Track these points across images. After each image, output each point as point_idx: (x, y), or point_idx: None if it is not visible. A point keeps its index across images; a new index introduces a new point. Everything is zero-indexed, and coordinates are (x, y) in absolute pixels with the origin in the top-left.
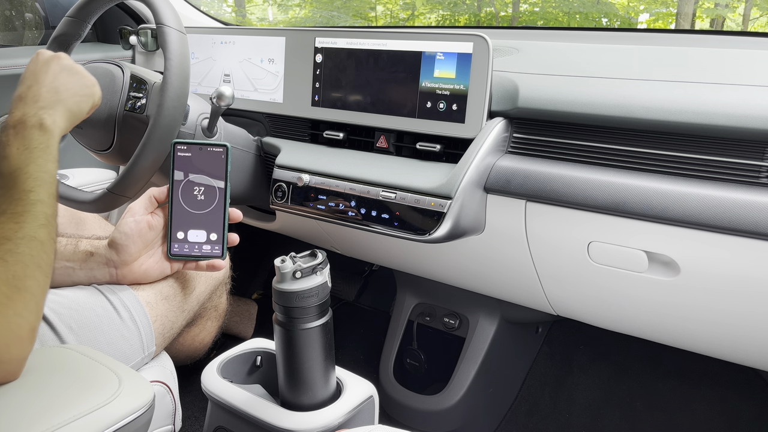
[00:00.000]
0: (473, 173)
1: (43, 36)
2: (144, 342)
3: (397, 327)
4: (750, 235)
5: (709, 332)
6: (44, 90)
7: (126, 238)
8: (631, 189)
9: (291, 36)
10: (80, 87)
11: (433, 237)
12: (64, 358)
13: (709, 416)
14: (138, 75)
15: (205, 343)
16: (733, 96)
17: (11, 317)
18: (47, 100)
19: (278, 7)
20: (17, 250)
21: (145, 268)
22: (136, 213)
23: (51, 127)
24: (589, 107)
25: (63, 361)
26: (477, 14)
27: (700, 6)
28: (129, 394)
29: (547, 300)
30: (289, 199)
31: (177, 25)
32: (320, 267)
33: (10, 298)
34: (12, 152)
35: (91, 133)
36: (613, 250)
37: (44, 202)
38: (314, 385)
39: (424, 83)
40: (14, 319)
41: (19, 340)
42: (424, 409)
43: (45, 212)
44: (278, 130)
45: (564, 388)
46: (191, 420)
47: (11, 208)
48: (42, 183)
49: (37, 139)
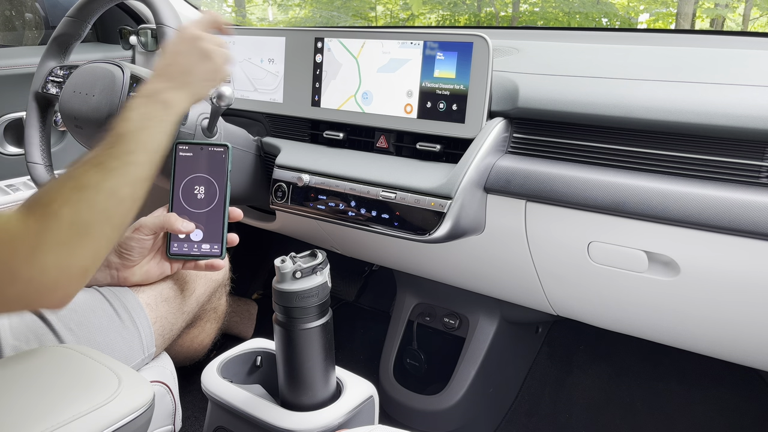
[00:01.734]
0: (473, 173)
1: (43, 36)
2: (144, 343)
3: (397, 327)
4: (750, 235)
5: (709, 332)
6: (177, 71)
7: (129, 251)
8: (631, 189)
9: (291, 36)
10: (209, 72)
11: (433, 237)
12: (64, 358)
13: (709, 416)
14: (138, 75)
15: (204, 345)
16: (733, 96)
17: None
18: (178, 81)
19: (278, 7)
20: (93, 199)
21: (145, 270)
22: (143, 231)
23: (174, 106)
24: (589, 107)
25: (63, 360)
26: (477, 14)
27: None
28: (129, 393)
29: (547, 300)
30: (289, 199)
31: (177, 25)
32: (320, 267)
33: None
34: (133, 116)
35: (92, 133)
36: (613, 250)
37: (139, 165)
38: (314, 385)
39: (424, 83)
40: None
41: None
42: (424, 409)
43: (136, 174)
44: (278, 130)
45: (564, 388)
46: (191, 420)
47: (107, 162)
48: (145, 149)
49: (159, 112)
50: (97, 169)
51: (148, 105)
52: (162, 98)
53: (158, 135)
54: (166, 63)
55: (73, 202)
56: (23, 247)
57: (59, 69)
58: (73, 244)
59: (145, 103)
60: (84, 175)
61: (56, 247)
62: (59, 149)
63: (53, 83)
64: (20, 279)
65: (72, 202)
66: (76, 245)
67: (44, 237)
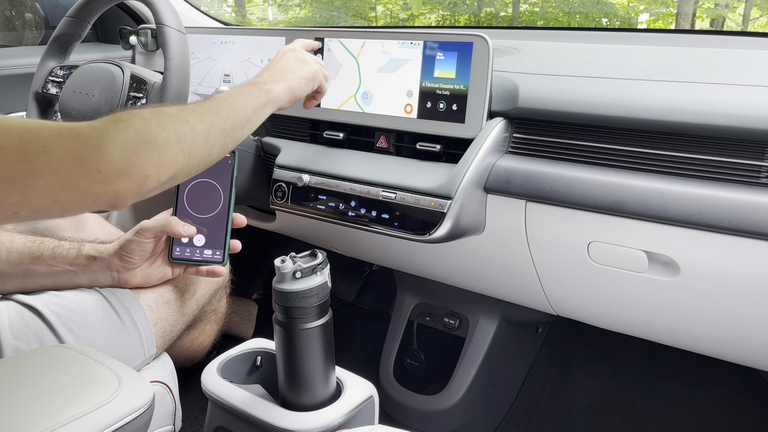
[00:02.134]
0: (473, 173)
1: (43, 36)
2: (144, 345)
3: (397, 327)
4: (750, 235)
5: (709, 332)
6: (277, 71)
7: (130, 254)
8: (631, 189)
9: (291, 36)
10: (303, 72)
11: (433, 237)
12: (64, 358)
13: (709, 416)
14: (138, 75)
15: (204, 346)
16: (733, 96)
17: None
18: (276, 77)
19: (278, 7)
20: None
21: (146, 273)
22: (144, 234)
23: (269, 91)
24: (588, 107)
25: (63, 360)
26: (477, 14)
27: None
28: (129, 393)
29: (547, 300)
30: (289, 199)
31: (177, 25)
32: (320, 267)
33: (135, 143)
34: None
35: None
36: (613, 250)
37: (220, 117)
38: (314, 385)
39: (424, 83)
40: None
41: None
42: (424, 409)
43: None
44: (278, 130)
45: (564, 388)
46: (191, 420)
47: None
48: (229, 108)
49: (253, 91)
50: (179, 107)
51: (247, 86)
52: (260, 83)
53: (245, 104)
54: (271, 65)
55: (144, 117)
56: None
57: (59, 69)
58: (138, 147)
59: (246, 85)
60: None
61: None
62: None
63: (53, 83)
64: (91, 168)
65: (143, 117)
66: (141, 149)
67: (110, 133)
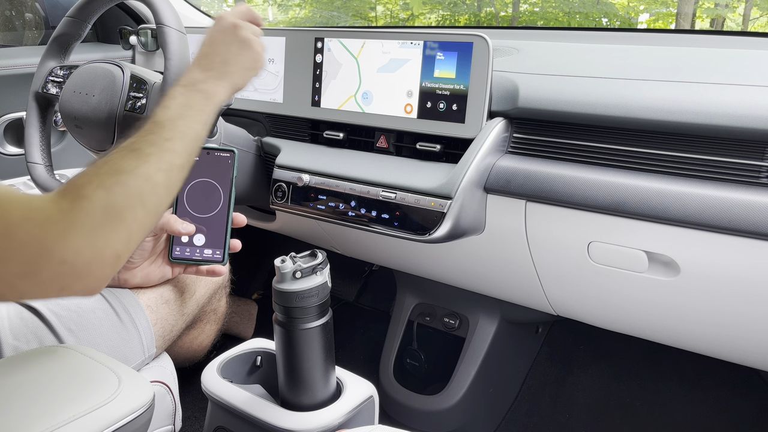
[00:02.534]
0: (473, 173)
1: (43, 36)
2: (144, 345)
3: (397, 327)
4: (750, 235)
5: (709, 332)
6: (217, 61)
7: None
8: (630, 189)
9: (291, 36)
10: (248, 61)
11: (433, 237)
12: (64, 358)
13: (709, 416)
14: (138, 75)
15: (204, 346)
16: (733, 96)
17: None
18: (217, 71)
19: (278, 7)
20: (127, 183)
21: (146, 272)
22: None
23: (214, 96)
24: (589, 107)
25: (63, 360)
26: (477, 14)
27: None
28: (129, 393)
29: (547, 300)
30: (289, 199)
31: (177, 25)
32: (320, 267)
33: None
34: (172, 105)
35: (92, 133)
36: (613, 250)
37: (176, 153)
38: (314, 385)
39: (424, 83)
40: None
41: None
42: (424, 409)
43: (172, 161)
44: (278, 130)
45: (564, 388)
46: (191, 420)
47: (143, 147)
48: (183, 137)
49: (198, 102)
50: (133, 155)
51: (187, 94)
52: (202, 88)
53: (196, 124)
54: (206, 52)
55: (106, 186)
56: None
57: (59, 69)
58: (106, 228)
59: (185, 93)
60: (120, 160)
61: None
62: (59, 149)
63: (53, 83)
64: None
65: (106, 186)
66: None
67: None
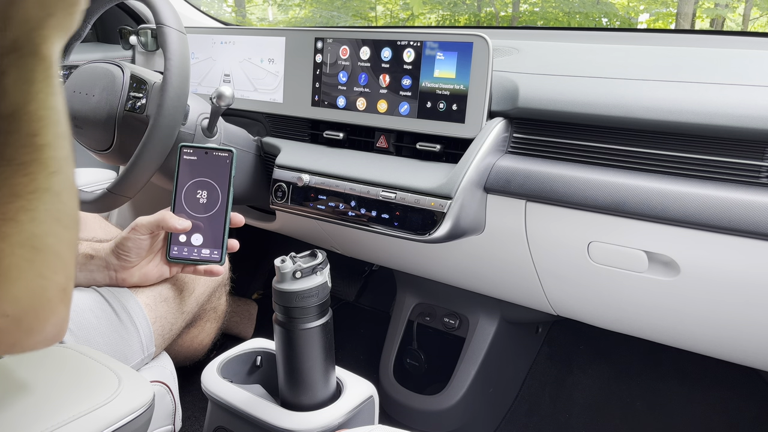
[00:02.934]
0: (473, 173)
1: None
2: (143, 344)
3: (397, 327)
4: (750, 235)
5: (709, 332)
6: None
7: (126, 252)
8: (631, 189)
9: (291, 36)
10: None
11: (433, 237)
12: (64, 358)
13: (709, 416)
14: (138, 75)
15: (204, 345)
16: (734, 96)
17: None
18: (36, 18)
19: (278, 7)
20: (29, 207)
21: (144, 272)
22: (139, 231)
23: (48, 52)
24: (589, 107)
25: (63, 360)
26: (477, 14)
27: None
28: (129, 393)
29: (547, 300)
30: (289, 199)
31: (177, 25)
32: (320, 267)
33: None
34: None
35: (91, 133)
36: (613, 250)
37: (52, 146)
38: (314, 385)
39: (424, 83)
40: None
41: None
42: (424, 409)
43: (54, 157)
44: (278, 130)
45: (564, 388)
46: (191, 420)
47: (17, 157)
48: (47, 123)
49: (35, 70)
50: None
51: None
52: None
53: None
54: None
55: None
56: None
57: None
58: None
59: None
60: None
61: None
62: None
63: None
64: None
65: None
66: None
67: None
